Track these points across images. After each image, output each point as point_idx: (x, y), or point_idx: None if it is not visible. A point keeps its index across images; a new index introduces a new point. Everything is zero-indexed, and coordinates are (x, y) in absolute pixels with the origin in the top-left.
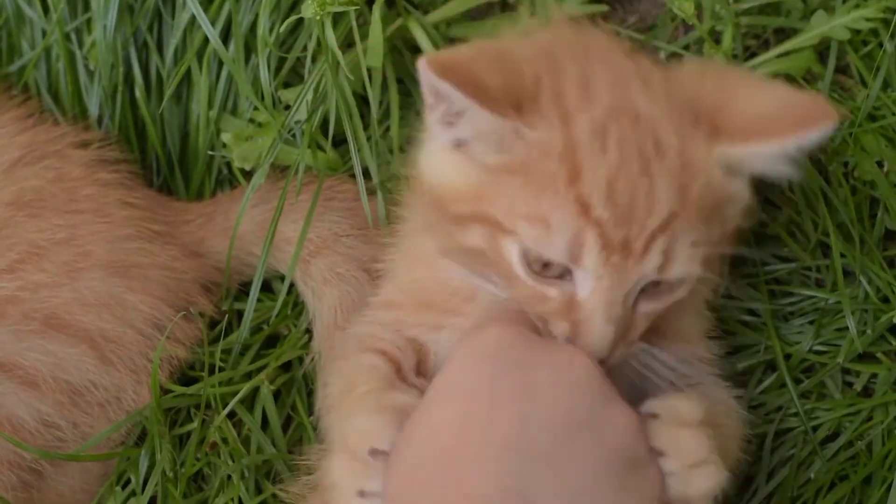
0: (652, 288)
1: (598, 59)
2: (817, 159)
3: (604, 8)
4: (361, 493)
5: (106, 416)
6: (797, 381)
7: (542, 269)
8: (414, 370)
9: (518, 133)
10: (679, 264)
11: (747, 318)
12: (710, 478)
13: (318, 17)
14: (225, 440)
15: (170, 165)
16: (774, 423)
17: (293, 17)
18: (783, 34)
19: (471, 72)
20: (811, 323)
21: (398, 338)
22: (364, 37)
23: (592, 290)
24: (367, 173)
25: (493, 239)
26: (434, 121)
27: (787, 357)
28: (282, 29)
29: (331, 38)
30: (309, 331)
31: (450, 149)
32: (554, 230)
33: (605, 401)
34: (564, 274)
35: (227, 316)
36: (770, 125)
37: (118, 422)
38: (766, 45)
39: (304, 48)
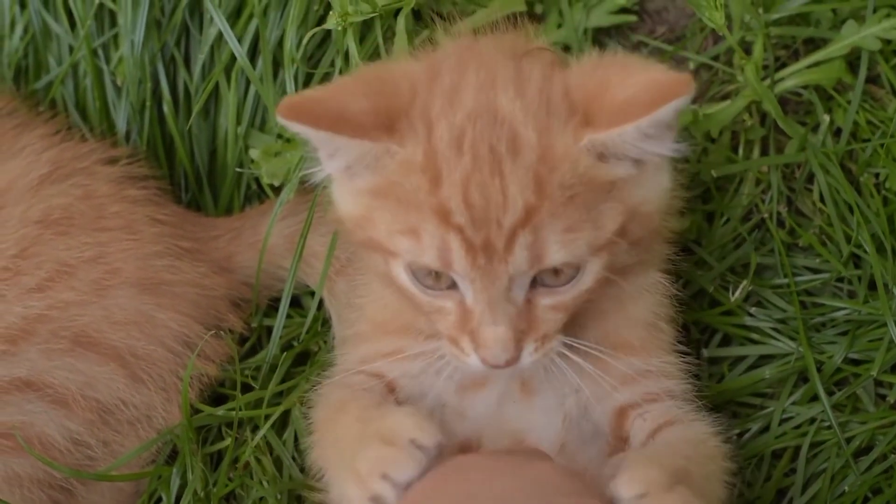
0: (548, 280)
1: (475, 65)
2: (848, 169)
3: (632, 18)
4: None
5: (136, 434)
6: (829, 394)
7: (433, 282)
8: None
9: (391, 152)
10: (554, 252)
11: (780, 326)
12: None
13: (340, 28)
14: (258, 460)
15: (198, 181)
16: (808, 435)
17: (318, 29)
18: (813, 44)
19: (327, 106)
20: (843, 334)
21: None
22: (392, 50)
23: (473, 293)
24: None
25: (386, 264)
26: (322, 156)
27: (819, 368)
28: (309, 43)
29: (354, 51)
30: None
31: (347, 180)
32: (423, 240)
33: (569, 492)
34: (452, 284)
35: (256, 332)
36: (631, 108)
37: (149, 440)
38: (796, 56)
39: (332, 63)
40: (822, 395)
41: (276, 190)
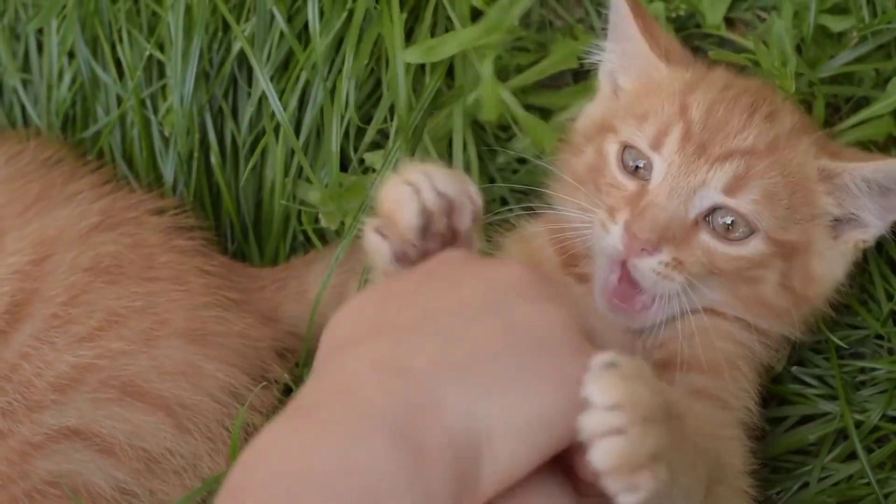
0: (719, 228)
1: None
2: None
3: None
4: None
5: (182, 483)
6: (868, 451)
7: (633, 170)
8: None
9: (657, 68)
10: (746, 197)
11: (818, 383)
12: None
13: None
14: None
15: (244, 232)
16: (847, 492)
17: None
18: (855, 104)
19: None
20: (883, 392)
21: None
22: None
23: (662, 178)
24: None
25: (599, 146)
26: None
27: (858, 426)
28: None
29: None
30: None
31: (610, 79)
32: (648, 121)
33: (531, 296)
34: (645, 174)
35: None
36: (869, 156)
37: (195, 490)
38: (837, 113)
39: (385, 119)
40: (862, 455)
41: (324, 239)
